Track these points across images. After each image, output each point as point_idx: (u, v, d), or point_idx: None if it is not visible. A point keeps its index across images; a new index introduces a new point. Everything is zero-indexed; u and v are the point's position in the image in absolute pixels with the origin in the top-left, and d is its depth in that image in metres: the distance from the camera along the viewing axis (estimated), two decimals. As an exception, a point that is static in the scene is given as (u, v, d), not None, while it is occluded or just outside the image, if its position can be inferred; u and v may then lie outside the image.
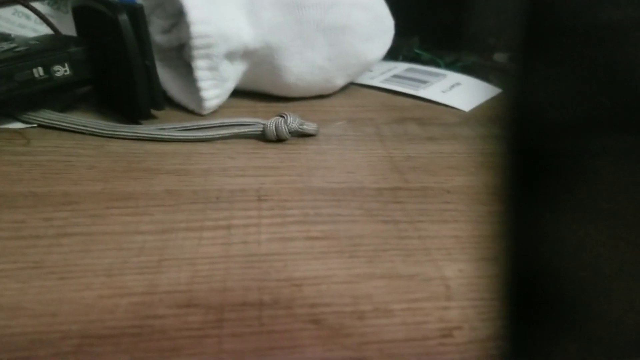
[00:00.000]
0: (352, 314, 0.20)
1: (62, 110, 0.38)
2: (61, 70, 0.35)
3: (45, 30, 0.43)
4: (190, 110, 0.40)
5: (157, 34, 0.40)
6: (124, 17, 0.33)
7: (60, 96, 0.39)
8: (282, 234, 0.25)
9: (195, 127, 0.36)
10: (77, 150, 0.33)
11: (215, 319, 0.19)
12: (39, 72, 0.34)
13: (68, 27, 0.41)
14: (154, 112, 0.37)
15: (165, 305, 0.20)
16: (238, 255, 0.23)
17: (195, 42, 0.36)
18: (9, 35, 0.45)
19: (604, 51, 0.09)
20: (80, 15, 0.38)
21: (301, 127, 0.35)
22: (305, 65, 0.40)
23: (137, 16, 0.34)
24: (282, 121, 0.35)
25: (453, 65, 0.51)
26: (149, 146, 0.34)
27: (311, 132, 0.36)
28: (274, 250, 0.24)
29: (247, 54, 0.39)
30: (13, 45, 0.36)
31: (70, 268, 0.22)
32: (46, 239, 0.24)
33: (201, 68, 0.37)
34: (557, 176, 0.09)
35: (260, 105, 0.42)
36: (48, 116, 0.36)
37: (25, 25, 0.46)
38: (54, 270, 0.22)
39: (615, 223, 0.09)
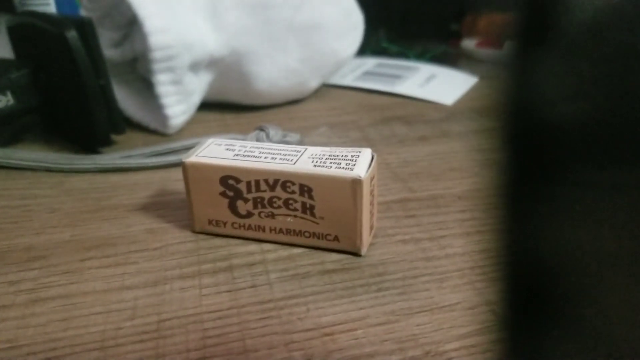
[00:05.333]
0: (402, 365, 0.17)
1: (6, 144, 0.34)
2: (3, 100, 0.31)
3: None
4: (153, 130, 0.36)
5: (107, 48, 0.36)
6: (72, 34, 0.29)
7: (2, 129, 0.34)
8: (293, 270, 0.22)
9: (165, 150, 0.32)
10: (32, 191, 0.29)
11: (244, 392, 0.16)
12: (-25, 104, 0.30)
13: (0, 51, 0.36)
14: (114, 137, 0.33)
15: (180, 382, 0.17)
16: (250, 303, 0.20)
17: (156, 54, 0.32)
18: None
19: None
20: (17, 35, 0.33)
21: (284, 138, 0.32)
22: (276, 69, 0.37)
23: (87, 31, 0.30)
24: (264, 135, 0.31)
25: (423, 56, 0.49)
26: (115, 178, 0.30)
27: (295, 142, 0.33)
28: (289, 292, 0.21)
29: (212, 63, 0.36)
30: (-61, 74, 0.31)
31: (53, 344, 0.18)
32: (16, 308, 0.20)
33: (163, 83, 0.34)
34: (559, 175, 0.08)
35: (230, 117, 0.39)
36: (-9, 153, 0.31)
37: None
38: (34, 350, 0.18)
39: (621, 226, 0.08)
